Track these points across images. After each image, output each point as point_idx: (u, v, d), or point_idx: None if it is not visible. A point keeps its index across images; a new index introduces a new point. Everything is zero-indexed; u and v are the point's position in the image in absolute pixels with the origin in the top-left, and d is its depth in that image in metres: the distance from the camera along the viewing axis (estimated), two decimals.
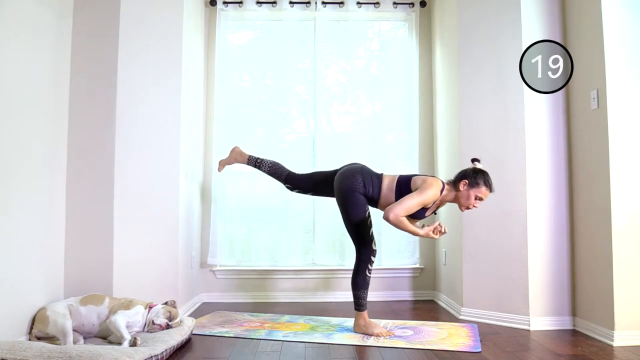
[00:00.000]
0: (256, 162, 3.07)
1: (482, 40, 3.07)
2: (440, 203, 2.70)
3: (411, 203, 2.52)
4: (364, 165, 2.81)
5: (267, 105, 3.82)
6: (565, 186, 2.88)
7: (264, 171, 3.05)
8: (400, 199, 2.55)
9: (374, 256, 2.70)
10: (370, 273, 2.69)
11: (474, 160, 2.71)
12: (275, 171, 3.02)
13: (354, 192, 2.67)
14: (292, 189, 3.01)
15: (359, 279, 2.69)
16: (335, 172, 2.86)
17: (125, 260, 2.82)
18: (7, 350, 1.95)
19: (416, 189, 2.58)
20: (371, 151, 3.74)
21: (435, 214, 2.79)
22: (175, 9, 3.04)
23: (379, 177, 2.75)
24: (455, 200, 2.65)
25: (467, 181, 2.59)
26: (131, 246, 2.84)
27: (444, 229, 2.55)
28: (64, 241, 2.76)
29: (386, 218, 2.50)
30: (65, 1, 2.78)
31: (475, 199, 2.58)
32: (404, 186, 2.65)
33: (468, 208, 2.62)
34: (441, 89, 3.61)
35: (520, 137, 2.89)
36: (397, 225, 2.51)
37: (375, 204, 2.75)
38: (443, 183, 2.64)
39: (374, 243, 2.70)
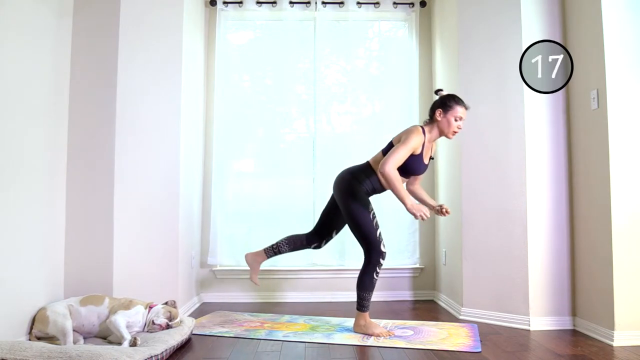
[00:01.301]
0: (274, 250, 2.92)
1: (482, 40, 3.08)
2: (429, 144, 2.71)
3: (400, 152, 2.53)
4: (349, 167, 2.81)
5: (267, 105, 3.82)
6: (565, 186, 2.88)
7: (286, 251, 2.93)
8: (388, 154, 2.56)
9: (383, 258, 2.65)
10: (377, 276, 2.66)
11: (437, 91, 2.77)
12: (295, 242, 2.92)
13: (353, 193, 2.67)
14: (319, 245, 2.92)
15: (366, 280, 2.66)
16: (331, 200, 2.87)
17: (125, 260, 2.82)
18: (7, 350, 1.95)
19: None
20: (371, 151, 3.69)
21: (432, 159, 2.78)
22: (175, 9, 3.04)
23: (367, 165, 2.75)
24: (440, 132, 2.69)
25: (440, 110, 2.65)
26: (131, 246, 2.84)
27: (426, 216, 2.51)
28: (64, 241, 2.76)
29: (381, 172, 2.50)
30: (65, 1, 2.78)
31: (456, 120, 2.63)
32: (389, 148, 2.67)
33: (455, 133, 2.67)
34: None
35: (520, 137, 2.89)
36: (390, 180, 2.49)
37: (380, 187, 2.74)
38: (421, 126, 2.68)
39: (383, 245, 2.66)
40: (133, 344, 2.21)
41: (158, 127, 2.96)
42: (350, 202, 2.67)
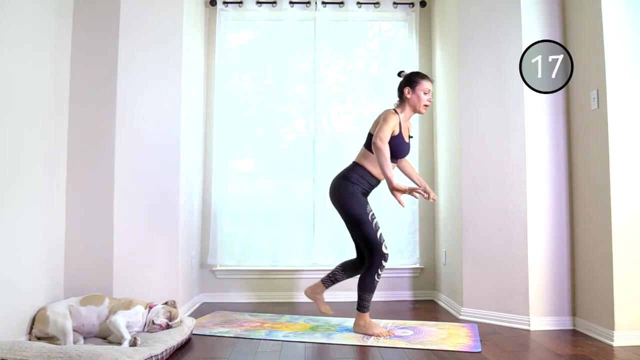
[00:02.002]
0: (330, 279, 2.90)
1: (482, 41, 3.08)
2: (405, 124, 2.75)
3: (383, 129, 2.57)
4: (338, 174, 2.79)
5: (267, 105, 3.82)
6: (565, 186, 2.88)
7: (343, 279, 2.90)
8: (376, 131, 2.59)
9: (386, 260, 2.64)
10: (379, 277, 2.66)
11: (400, 73, 2.84)
12: (350, 268, 2.89)
13: (348, 197, 2.66)
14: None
15: (367, 281, 2.66)
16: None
17: (125, 260, 2.82)
18: (7, 350, 1.95)
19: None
20: None
21: (411, 137, 2.82)
22: (175, 8, 3.04)
23: (354, 164, 2.76)
24: (413, 109, 2.74)
25: (408, 87, 2.72)
26: (131, 246, 2.85)
27: (401, 193, 2.51)
28: (64, 241, 2.76)
29: (374, 142, 2.54)
30: (65, 1, 2.78)
31: (425, 94, 2.71)
32: (370, 140, 2.70)
33: (426, 106, 2.74)
34: (441, 89, 3.61)
35: (520, 137, 2.89)
36: (381, 152, 2.51)
37: (375, 180, 2.74)
38: (393, 109, 2.73)
39: (385, 246, 2.65)
40: (133, 344, 2.21)
41: (158, 127, 2.96)
42: (347, 206, 2.67)
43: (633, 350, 2.33)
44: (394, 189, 2.46)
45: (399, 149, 2.70)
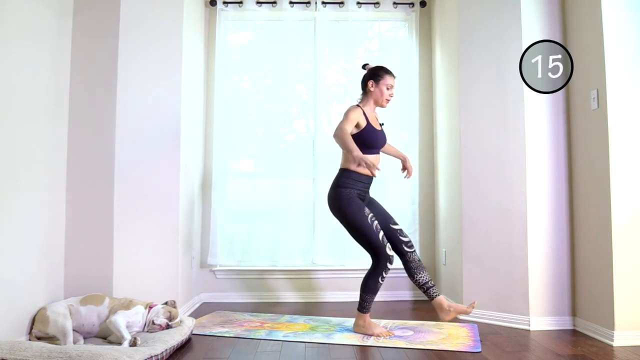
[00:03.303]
0: (422, 287, 2.75)
1: (482, 41, 3.07)
2: (370, 114, 2.76)
3: (342, 123, 2.60)
4: (331, 183, 2.77)
5: (267, 105, 3.82)
6: (565, 186, 2.88)
7: (415, 277, 2.75)
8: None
9: (391, 263, 2.63)
10: (383, 280, 2.66)
11: (364, 66, 2.87)
12: (406, 269, 2.78)
13: (345, 203, 2.65)
14: (401, 251, 2.75)
15: (370, 283, 2.66)
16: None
17: (125, 260, 2.82)
18: (7, 350, 1.95)
19: None
20: None
21: (382, 124, 2.84)
22: (175, 9, 3.04)
23: (342, 169, 2.75)
24: (375, 102, 2.79)
25: (372, 81, 2.76)
26: (131, 246, 2.85)
27: (373, 172, 2.57)
28: (64, 241, 2.76)
29: (333, 135, 2.59)
30: (65, 1, 2.78)
31: (387, 89, 2.76)
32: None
33: (388, 101, 2.79)
34: (441, 89, 3.61)
35: (520, 137, 2.89)
36: (339, 135, 2.54)
37: (366, 178, 2.72)
38: (357, 104, 2.76)
39: (389, 248, 2.64)
40: (133, 344, 2.21)
41: (158, 126, 2.96)
42: (346, 213, 2.65)
43: (633, 350, 2.33)
44: (358, 158, 2.49)
45: (373, 137, 2.72)
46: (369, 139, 2.70)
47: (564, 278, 2.84)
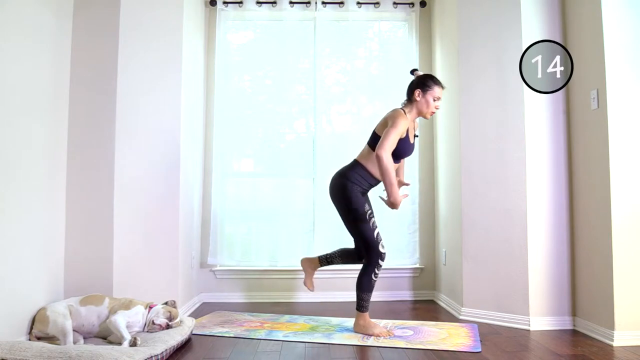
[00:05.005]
0: (327, 260, 2.94)
1: (482, 41, 3.07)
2: (412, 124, 2.71)
3: (392, 135, 2.52)
4: (339, 170, 2.77)
5: (267, 105, 3.82)
6: (565, 186, 2.88)
7: (339, 263, 2.94)
8: (381, 139, 2.53)
9: (382, 260, 2.64)
10: (376, 277, 2.66)
11: (413, 71, 2.79)
12: (347, 255, 2.90)
13: (348, 195, 2.66)
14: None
15: (365, 281, 2.66)
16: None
17: (125, 260, 2.82)
18: (7, 350, 1.95)
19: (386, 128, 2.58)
20: None
21: (416, 136, 2.78)
22: (175, 9, 3.04)
23: (355, 163, 2.73)
24: (419, 112, 2.69)
25: (419, 90, 2.66)
26: (131, 246, 2.85)
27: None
28: (64, 241, 2.76)
29: (377, 154, 2.48)
30: (65, 1, 2.78)
31: (434, 100, 2.66)
32: (376, 141, 2.63)
33: (433, 113, 2.70)
34: None
35: (520, 137, 2.89)
36: (384, 165, 2.47)
37: (374, 180, 2.71)
38: (401, 108, 2.68)
39: (382, 245, 2.65)
40: (133, 344, 2.21)
41: (158, 127, 2.96)
42: (346, 204, 2.67)
43: (633, 350, 2.33)
44: (394, 203, 2.49)
45: (404, 148, 2.66)
46: (401, 150, 2.63)
47: (564, 278, 2.84)
